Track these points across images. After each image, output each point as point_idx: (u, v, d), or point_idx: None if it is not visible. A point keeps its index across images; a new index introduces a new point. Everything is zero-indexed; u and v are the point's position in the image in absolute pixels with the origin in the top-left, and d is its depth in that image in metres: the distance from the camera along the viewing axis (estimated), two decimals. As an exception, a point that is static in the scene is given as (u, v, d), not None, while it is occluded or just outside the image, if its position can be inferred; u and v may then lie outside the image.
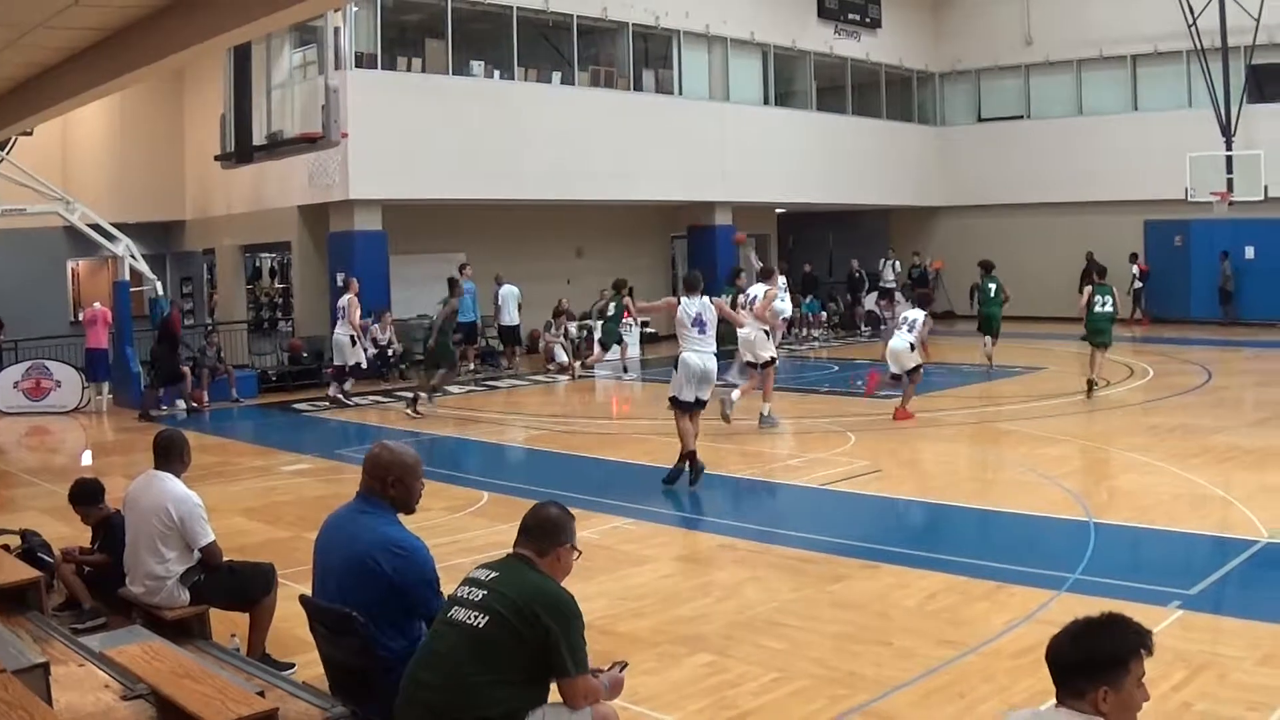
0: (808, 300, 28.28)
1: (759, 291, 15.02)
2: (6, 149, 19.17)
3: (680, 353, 11.44)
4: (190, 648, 5.40)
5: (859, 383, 18.37)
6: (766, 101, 28.20)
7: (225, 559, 6.19)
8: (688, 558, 8.79)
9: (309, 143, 13.37)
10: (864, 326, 29.66)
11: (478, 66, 22.58)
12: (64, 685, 4.67)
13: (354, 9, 19.78)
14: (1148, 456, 12.19)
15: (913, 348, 15.09)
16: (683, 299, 11.73)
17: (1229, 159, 26.26)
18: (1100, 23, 29.00)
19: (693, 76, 26.43)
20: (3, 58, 9.80)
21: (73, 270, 25.94)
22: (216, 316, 24.11)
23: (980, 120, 32.48)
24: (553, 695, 4.05)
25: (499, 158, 21.98)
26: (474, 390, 19.99)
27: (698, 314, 11.38)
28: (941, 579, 7.91)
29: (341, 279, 19.75)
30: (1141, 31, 28.30)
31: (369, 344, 19.61)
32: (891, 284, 29.94)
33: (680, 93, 26.07)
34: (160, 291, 20.10)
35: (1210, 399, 16.59)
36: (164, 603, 5.95)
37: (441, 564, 4.77)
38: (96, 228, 19.34)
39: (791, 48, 28.53)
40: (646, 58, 25.95)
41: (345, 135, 13.90)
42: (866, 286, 30.48)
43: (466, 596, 4.07)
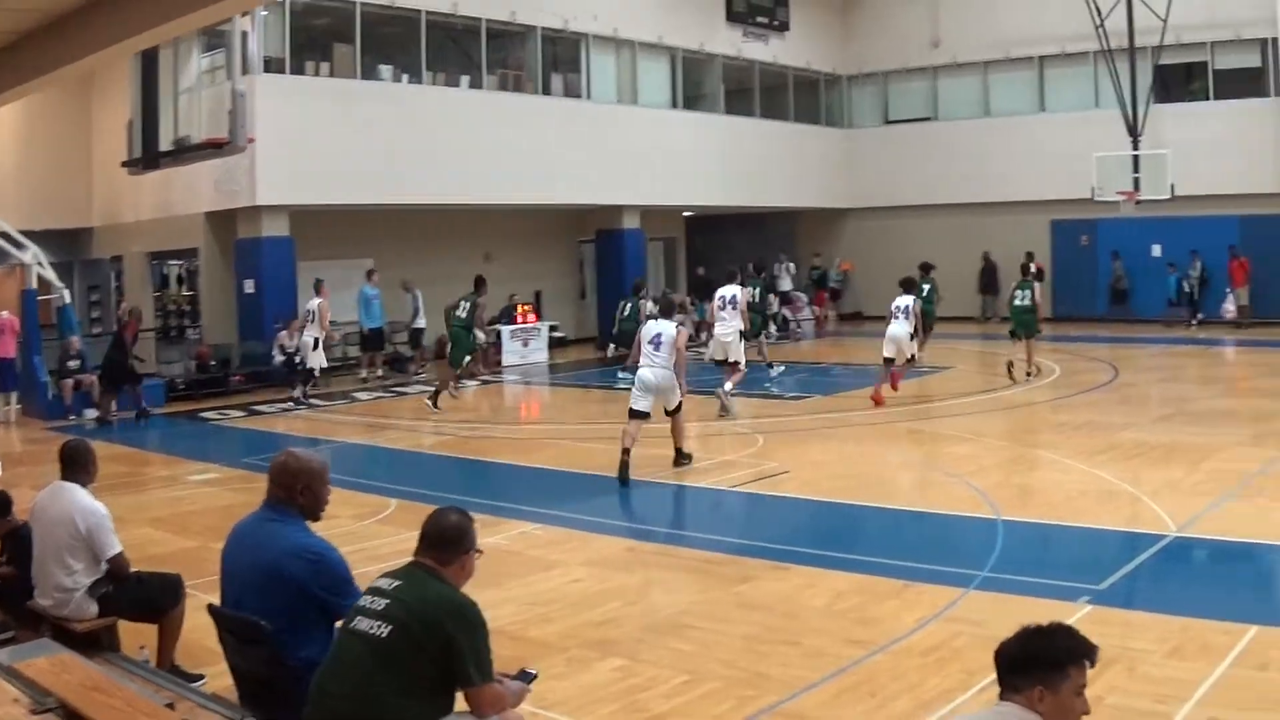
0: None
1: (734, 291, 16.43)
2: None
3: (639, 369, 12.15)
4: (99, 660, 5.41)
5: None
6: (675, 105, 28.36)
7: (133, 570, 6.19)
8: (596, 562, 8.81)
9: (216, 148, 13.17)
10: (773, 329, 29.80)
11: (386, 71, 22.47)
12: (-28, 700, 4.66)
13: (263, 13, 19.53)
14: (1056, 454, 12.46)
15: (912, 336, 15.69)
16: (649, 321, 12.86)
17: (1136, 158, 26.65)
18: (1008, 24, 29.52)
19: (601, 80, 26.51)
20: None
21: (-22, 279, 25.31)
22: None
23: (888, 122, 32.96)
24: (460, 704, 4.08)
25: (407, 162, 21.87)
26: (381, 396, 19.87)
27: (656, 334, 12.11)
28: (850, 579, 7.99)
29: (315, 284, 19.66)
30: (1049, 33, 28.84)
31: (293, 349, 19.34)
32: (788, 288, 30.01)
33: (589, 96, 26.14)
34: (68, 300, 19.71)
35: (1116, 396, 16.98)
36: (73, 615, 5.94)
37: (348, 572, 4.79)
38: (4, 235, 18.90)
39: (700, 51, 28.76)
40: (555, 61, 25.97)
41: (252, 140, 13.72)
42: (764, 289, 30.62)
43: (370, 606, 4.05)
